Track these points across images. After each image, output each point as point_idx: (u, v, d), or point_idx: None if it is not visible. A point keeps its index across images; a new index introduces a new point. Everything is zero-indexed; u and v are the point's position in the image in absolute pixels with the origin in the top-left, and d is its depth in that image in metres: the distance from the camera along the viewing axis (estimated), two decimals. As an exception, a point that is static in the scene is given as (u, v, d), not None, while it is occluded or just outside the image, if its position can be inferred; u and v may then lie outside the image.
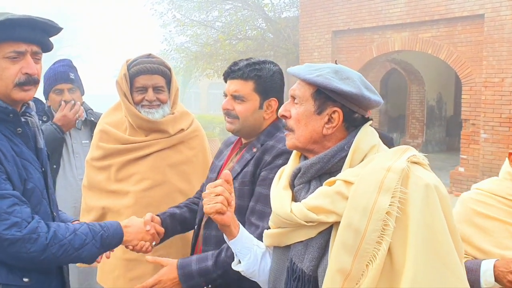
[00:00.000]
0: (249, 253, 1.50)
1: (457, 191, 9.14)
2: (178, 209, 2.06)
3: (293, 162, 1.49)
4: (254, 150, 1.85)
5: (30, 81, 1.58)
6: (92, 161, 2.38)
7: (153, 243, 1.88)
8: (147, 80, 2.22)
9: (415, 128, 14.93)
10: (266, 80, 1.84)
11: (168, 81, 2.31)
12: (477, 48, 8.90)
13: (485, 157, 8.84)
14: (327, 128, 1.37)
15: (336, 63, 1.44)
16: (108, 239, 1.68)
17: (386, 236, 1.20)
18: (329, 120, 1.37)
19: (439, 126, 15.13)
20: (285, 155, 1.75)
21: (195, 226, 2.00)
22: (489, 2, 8.55)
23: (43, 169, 1.69)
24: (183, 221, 2.04)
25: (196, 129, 2.43)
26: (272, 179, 1.55)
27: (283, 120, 1.47)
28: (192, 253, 1.98)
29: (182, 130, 2.35)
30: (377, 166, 1.28)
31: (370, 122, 1.42)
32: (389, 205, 1.22)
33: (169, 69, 2.31)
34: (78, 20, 35.61)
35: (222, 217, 1.46)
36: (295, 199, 1.40)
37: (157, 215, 1.97)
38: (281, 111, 1.45)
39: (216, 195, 1.44)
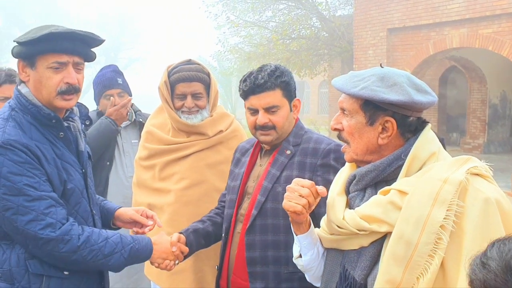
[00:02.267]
0: (313, 249, 1.49)
1: (520, 194, 8.71)
2: (202, 223, 2.10)
3: (349, 168, 1.46)
4: (288, 152, 1.89)
5: (71, 90, 1.69)
6: (140, 160, 2.50)
7: (176, 262, 1.93)
8: (186, 87, 2.32)
9: (476, 128, 14.31)
10: (290, 83, 1.90)
11: (207, 86, 2.39)
12: (542, 44, 8.44)
13: (550, 158, 8.36)
14: (382, 138, 1.33)
15: (382, 66, 1.40)
16: (137, 252, 1.75)
17: (439, 250, 1.17)
18: (383, 130, 1.33)
19: (503, 126, 14.42)
20: (332, 153, 1.84)
21: (223, 234, 2.03)
22: (556, -5, 8.09)
23: (83, 170, 1.79)
24: (207, 235, 2.08)
25: (235, 130, 2.49)
26: (330, 180, 1.55)
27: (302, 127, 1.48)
28: (223, 259, 2.01)
29: (221, 131, 2.43)
30: (433, 177, 1.24)
31: (430, 125, 1.38)
32: (444, 218, 1.18)
33: (208, 75, 2.40)
34: (137, 23, 36.69)
35: (298, 216, 1.42)
36: (349, 206, 1.39)
37: (181, 233, 2.00)
38: (333, 124, 1.42)
39: (300, 195, 1.38)
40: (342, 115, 1.40)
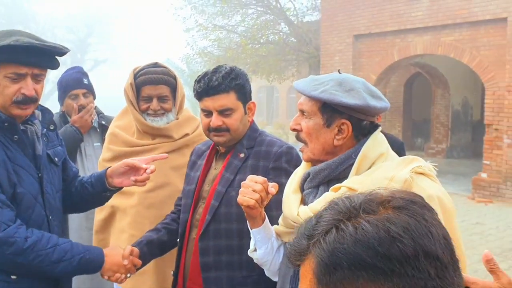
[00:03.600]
0: (268, 243, 1.55)
1: (480, 197, 9.02)
2: (156, 233, 2.07)
3: (305, 167, 1.53)
4: (242, 155, 1.89)
5: (27, 101, 1.67)
6: (104, 162, 2.48)
7: (128, 275, 1.90)
8: (152, 90, 2.30)
9: (440, 133, 14.73)
10: (244, 86, 1.89)
11: (174, 89, 2.38)
12: (500, 52, 8.78)
13: (508, 162, 8.70)
14: (338, 140, 1.41)
15: (340, 72, 1.47)
16: (87, 262, 1.73)
17: None
18: (339, 132, 1.40)
19: (465, 131, 14.88)
20: (284, 156, 1.84)
21: (178, 240, 2.03)
22: (512, 5, 8.43)
23: (39, 174, 1.75)
24: (162, 244, 2.06)
25: (202, 133, 2.49)
26: (282, 183, 1.60)
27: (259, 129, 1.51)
28: (178, 265, 2.00)
29: (187, 134, 2.42)
30: (381, 175, 1.32)
31: (380, 128, 1.46)
32: None
33: (175, 78, 2.39)
34: (105, 25, 36.07)
35: (252, 211, 1.48)
36: (304, 202, 1.46)
37: (134, 245, 1.97)
38: (292, 125, 1.48)
39: (253, 190, 1.46)
40: (301, 117, 1.46)
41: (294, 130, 1.49)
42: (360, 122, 1.40)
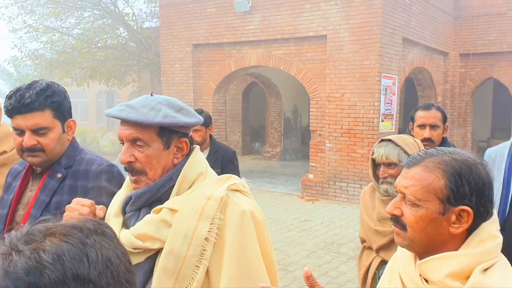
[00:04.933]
0: None
1: (308, 196, 9.91)
2: None
3: (126, 189, 1.50)
4: (59, 176, 1.78)
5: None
6: None
7: None
8: None
9: (274, 138, 15.84)
10: (62, 104, 1.78)
11: None
12: (321, 66, 9.78)
13: (330, 164, 9.73)
14: (177, 158, 1.44)
15: (152, 95, 1.45)
16: None
17: (204, 260, 1.30)
18: (178, 150, 1.44)
19: (295, 136, 16.23)
20: (104, 175, 1.77)
21: None
22: (330, 25, 9.48)
23: None
24: None
25: None
26: (103, 203, 1.53)
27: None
28: None
29: (5, 152, 2.27)
30: (199, 194, 1.37)
31: (198, 148, 1.51)
32: (208, 231, 1.31)
33: None
34: None
35: None
36: (126, 225, 1.43)
37: None
38: (124, 158, 1.39)
39: (80, 214, 1.37)
40: (131, 147, 1.40)
41: (128, 163, 1.40)
42: (190, 137, 1.47)
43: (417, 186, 1.17)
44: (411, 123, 3.18)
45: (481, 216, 1.16)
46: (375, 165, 2.33)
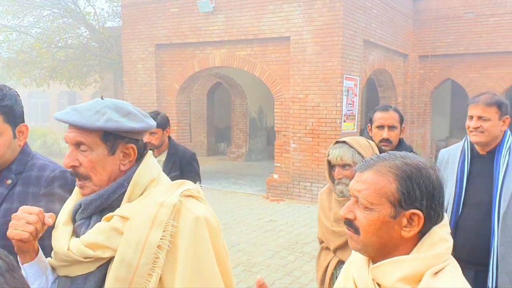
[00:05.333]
0: (42, 277, 1.43)
1: (273, 196, 9.97)
2: None
3: (75, 196, 1.46)
4: (8, 182, 1.72)
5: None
6: None
7: None
8: None
9: (240, 139, 15.86)
10: (13, 107, 1.72)
11: None
12: (285, 67, 9.86)
13: (294, 164, 9.81)
14: (124, 164, 1.40)
15: (102, 98, 1.43)
16: None
17: (157, 268, 1.28)
18: (124, 156, 1.39)
19: (261, 136, 16.30)
20: (57, 181, 1.72)
21: None
22: (293, 26, 9.56)
23: None
24: None
25: None
26: (56, 210, 1.49)
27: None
28: None
29: None
30: (151, 201, 1.33)
31: (151, 153, 1.47)
32: (161, 239, 1.28)
33: None
34: None
35: (24, 245, 1.35)
36: (76, 234, 1.39)
37: None
38: (68, 162, 1.36)
39: (27, 222, 1.32)
40: (76, 151, 1.37)
41: (72, 167, 1.38)
42: (140, 143, 1.43)
43: (369, 190, 1.18)
44: (369, 124, 3.25)
45: (431, 219, 1.17)
46: (331, 166, 2.36)
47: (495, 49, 12.05)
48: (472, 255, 2.57)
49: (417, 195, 1.15)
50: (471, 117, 2.61)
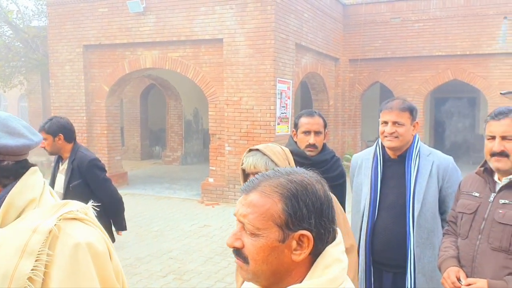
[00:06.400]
0: None
1: (208, 200, 9.86)
2: None
3: None
4: None
5: None
6: None
7: None
8: None
9: (175, 142, 15.60)
10: None
11: None
12: (219, 69, 9.78)
13: (229, 167, 9.75)
14: None
15: None
16: None
17: None
18: None
19: (197, 139, 16.12)
20: None
21: None
22: (226, 28, 9.50)
23: None
24: None
25: None
26: None
27: None
28: None
29: None
30: (23, 227, 1.20)
31: (32, 170, 1.33)
32: (32, 269, 1.15)
33: None
34: None
35: None
36: None
37: None
38: None
39: None
40: None
41: None
42: (22, 163, 1.29)
43: (255, 213, 1.05)
44: (294, 130, 3.24)
45: (322, 238, 1.07)
46: (246, 174, 2.32)
47: (419, 53, 12.64)
48: (390, 258, 2.62)
49: (304, 214, 1.04)
50: (386, 123, 2.65)
